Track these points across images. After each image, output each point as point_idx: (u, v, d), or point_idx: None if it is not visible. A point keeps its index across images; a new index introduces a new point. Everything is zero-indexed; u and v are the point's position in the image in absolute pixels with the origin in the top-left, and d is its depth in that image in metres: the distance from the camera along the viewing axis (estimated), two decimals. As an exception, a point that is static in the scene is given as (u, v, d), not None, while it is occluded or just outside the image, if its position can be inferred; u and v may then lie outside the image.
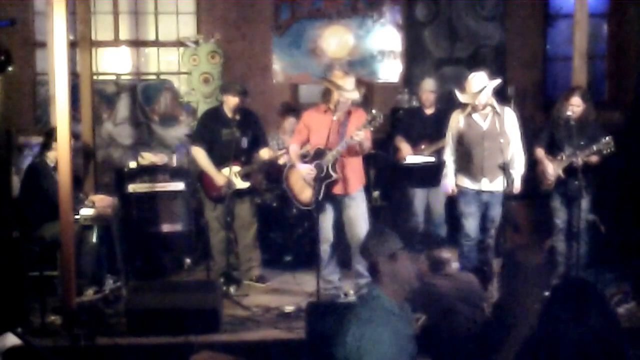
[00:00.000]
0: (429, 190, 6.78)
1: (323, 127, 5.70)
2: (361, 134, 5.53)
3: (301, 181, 5.87)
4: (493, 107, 5.97)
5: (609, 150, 5.93)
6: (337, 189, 5.77)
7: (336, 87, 5.70)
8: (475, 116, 6.03)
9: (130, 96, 8.53)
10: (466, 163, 6.10)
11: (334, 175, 5.69)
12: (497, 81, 5.97)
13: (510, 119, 6.05)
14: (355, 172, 5.83)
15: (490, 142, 5.93)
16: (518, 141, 6.07)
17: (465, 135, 6.06)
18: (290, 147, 6.04)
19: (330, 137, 5.69)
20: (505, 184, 5.74)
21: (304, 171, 5.80)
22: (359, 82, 5.83)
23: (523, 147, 6.13)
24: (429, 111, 7.00)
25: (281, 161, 6.43)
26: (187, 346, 4.58)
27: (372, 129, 5.61)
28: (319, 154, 5.74)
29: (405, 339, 3.05)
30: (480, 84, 5.88)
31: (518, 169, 6.05)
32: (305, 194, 5.87)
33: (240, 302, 5.80)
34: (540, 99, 8.66)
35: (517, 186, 6.01)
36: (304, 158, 5.87)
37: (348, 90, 5.69)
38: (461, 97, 5.95)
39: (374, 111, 5.60)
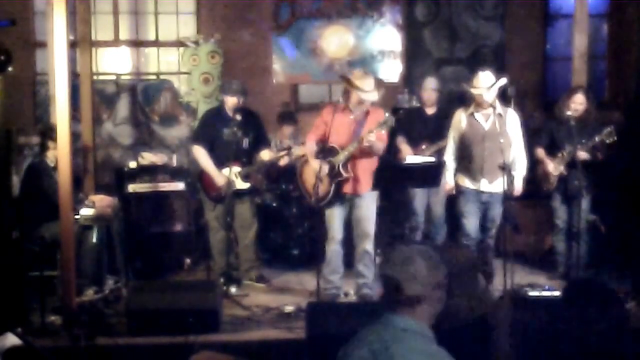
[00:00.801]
0: (429, 190, 6.79)
1: (340, 125, 5.69)
2: (372, 136, 5.52)
3: (314, 177, 5.86)
4: (494, 108, 5.98)
5: (611, 140, 5.95)
6: (347, 188, 5.76)
7: (354, 87, 5.67)
8: (477, 116, 6.04)
9: (130, 96, 8.53)
10: (467, 163, 6.11)
11: (344, 174, 5.68)
12: (504, 80, 5.98)
13: (512, 120, 6.05)
14: (367, 172, 5.77)
15: (491, 142, 5.93)
16: (520, 142, 6.08)
17: (467, 135, 6.07)
18: (307, 143, 6.02)
19: (346, 136, 5.68)
20: (506, 185, 5.74)
21: (316, 167, 5.78)
22: (379, 83, 5.80)
23: (525, 148, 6.13)
24: (430, 111, 7.00)
25: (282, 163, 6.42)
26: (187, 346, 4.58)
27: (383, 131, 5.59)
28: (331, 152, 5.74)
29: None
30: (490, 80, 5.90)
31: (519, 171, 6.05)
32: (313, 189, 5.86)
33: (240, 302, 5.80)
34: (540, 99, 8.65)
35: (518, 188, 6.01)
36: (318, 154, 5.85)
37: (366, 91, 5.65)
38: (474, 90, 5.93)
39: (386, 114, 5.59)
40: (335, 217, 5.82)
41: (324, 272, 5.80)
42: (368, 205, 5.82)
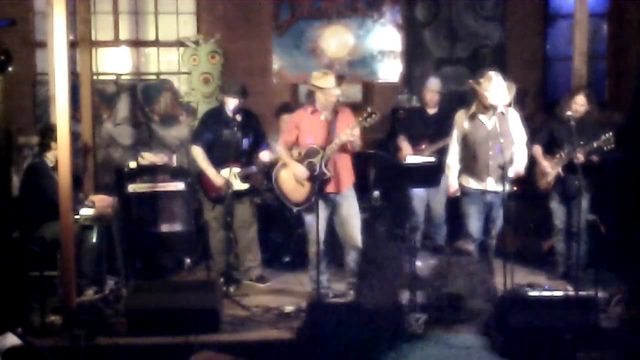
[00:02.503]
0: (428, 190, 6.78)
1: (312, 128, 5.77)
2: (356, 132, 5.58)
3: (292, 181, 5.89)
4: (496, 108, 5.96)
5: (609, 147, 5.96)
6: (330, 188, 5.79)
7: (317, 88, 5.77)
8: (480, 116, 6.02)
9: (130, 96, 8.52)
10: (472, 163, 6.08)
11: (327, 174, 5.71)
12: (513, 86, 6.02)
13: (514, 119, 6.05)
14: (346, 170, 5.87)
15: (495, 141, 5.92)
16: (523, 140, 6.07)
17: (471, 135, 6.05)
18: (278, 148, 6.07)
19: (320, 137, 5.74)
20: (505, 184, 5.74)
21: (298, 171, 5.82)
22: (340, 79, 5.85)
23: (527, 146, 6.13)
24: (431, 111, 7.00)
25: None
26: (187, 346, 4.58)
27: (366, 125, 5.60)
28: (311, 153, 5.77)
29: None
30: (503, 83, 5.89)
31: (517, 163, 5.99)
32: (297, 193, 5.89)
33: (240, 302, 5.80)
34: (540, 99, 8.65)
35: (518, 170, 5.96)
36: (302, 157, 5.88)
37: (328, 87, 5.72)
38: (487, 94, 5.89)
39: (369, 109, 5.62)
40: (319, 217, 5.81)
41: (311, 273, 5.83)
42: (350, 202, 5.87)
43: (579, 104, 6.17)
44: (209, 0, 8.53)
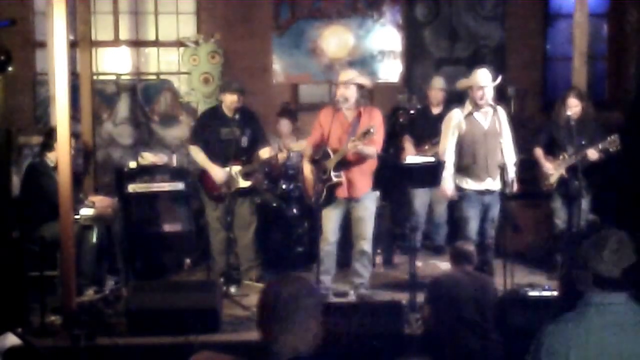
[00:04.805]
0: (431, 190, 6.78)
1: (335, 127, 5.69)
2: (358, 144, 5.49)
3: (308, 179, 5.90)
4: (491, 106, 5.96)
5: (615, 148, 5.96)
6: (342, 192, 5.73)
7: (338, 83, 5.74)
8: (477, 115, 6.00)
9: (130, 96, 8.53)
10: (470, 163, 6.03)
11: (335, 179, 5.68)
12: (499, 78, 6.00)
13: (503, 116, 6.04)
14: (363, 175, 5.75)
15: (492, 140, 5.91)
16: (510, 138, 6.06)
17: (468, 135, 6.02)
18: (306, 146, 6.03)
19: (341, 137, 5.67)
20: (504, 184, 5.74)
21: (305, 172, 5.85)
22: (359, 77, 5.84)
23: (516, 146, 6.12)
24: (435, 111, 7.00)
25: (280, 158, 6.41)
26: (187, 346, 4.58)
27: (366, 141, 5.53)
28: (325, 156, 5.74)
29: None
30: (490, 76, 5.88)
31: (512, 167, 6.00)
32: (311, 190, 5.88)
33: (240, 302, 5.80)
34: (540, 99, 8.66)
35: (514, 183, 5.98)
36: (314, 158, 5.85)
37: (348, 76, 5.69)
38: (481, 84, 5.85)
39: (371, 124, 5.54)
40: (329, 219, 5.80)
41: (315, 271, 5.82)
42: (366, 207, 5.81)
43: (573, 105, 6.15)
44: (209, 0, 8.53)
